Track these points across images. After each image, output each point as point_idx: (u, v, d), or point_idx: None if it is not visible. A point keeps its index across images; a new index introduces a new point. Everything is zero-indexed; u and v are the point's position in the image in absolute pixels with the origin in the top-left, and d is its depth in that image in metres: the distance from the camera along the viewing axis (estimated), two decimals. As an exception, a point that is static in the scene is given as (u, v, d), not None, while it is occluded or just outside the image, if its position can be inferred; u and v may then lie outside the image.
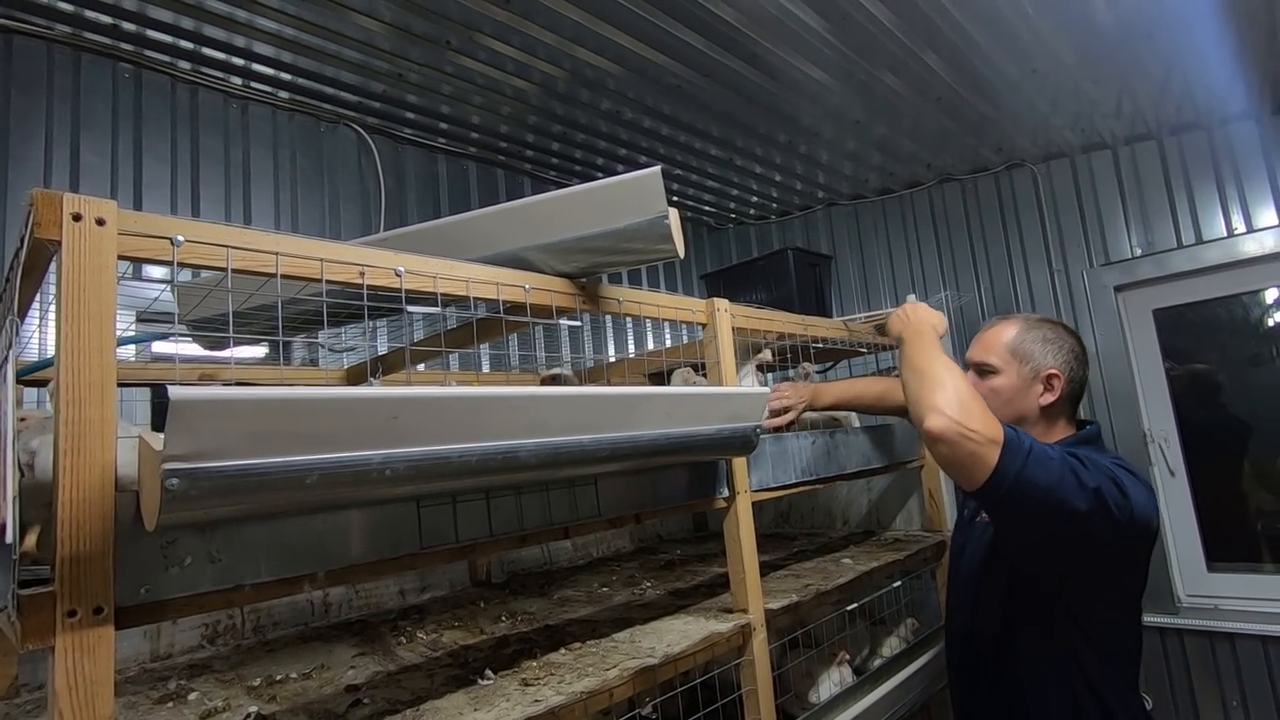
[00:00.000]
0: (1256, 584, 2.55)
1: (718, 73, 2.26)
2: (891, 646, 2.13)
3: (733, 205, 3.62)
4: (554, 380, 1.61)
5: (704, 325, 1.56)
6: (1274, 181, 2.49)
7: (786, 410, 1.88)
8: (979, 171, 3.15)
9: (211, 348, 1.59)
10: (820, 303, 2.59)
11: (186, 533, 0.80)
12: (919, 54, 2.14)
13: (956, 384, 1.21)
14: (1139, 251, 2.76)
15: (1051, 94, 2.42)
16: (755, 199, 3.53)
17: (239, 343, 1.40)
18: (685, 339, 3.02)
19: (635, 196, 1.16)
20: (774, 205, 3.64)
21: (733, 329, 1.59)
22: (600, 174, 3.11)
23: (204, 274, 1.34)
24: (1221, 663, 2.50)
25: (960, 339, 3.04)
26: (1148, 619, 2.64)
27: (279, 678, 1.34)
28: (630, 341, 3.38)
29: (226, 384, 1.46)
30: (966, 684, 1.54)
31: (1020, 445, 1.15)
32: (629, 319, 2.65)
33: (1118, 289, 2.81)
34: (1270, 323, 2.65)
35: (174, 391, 0.64)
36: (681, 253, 1.22)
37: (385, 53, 2.10)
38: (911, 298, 1.77)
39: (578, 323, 2.95)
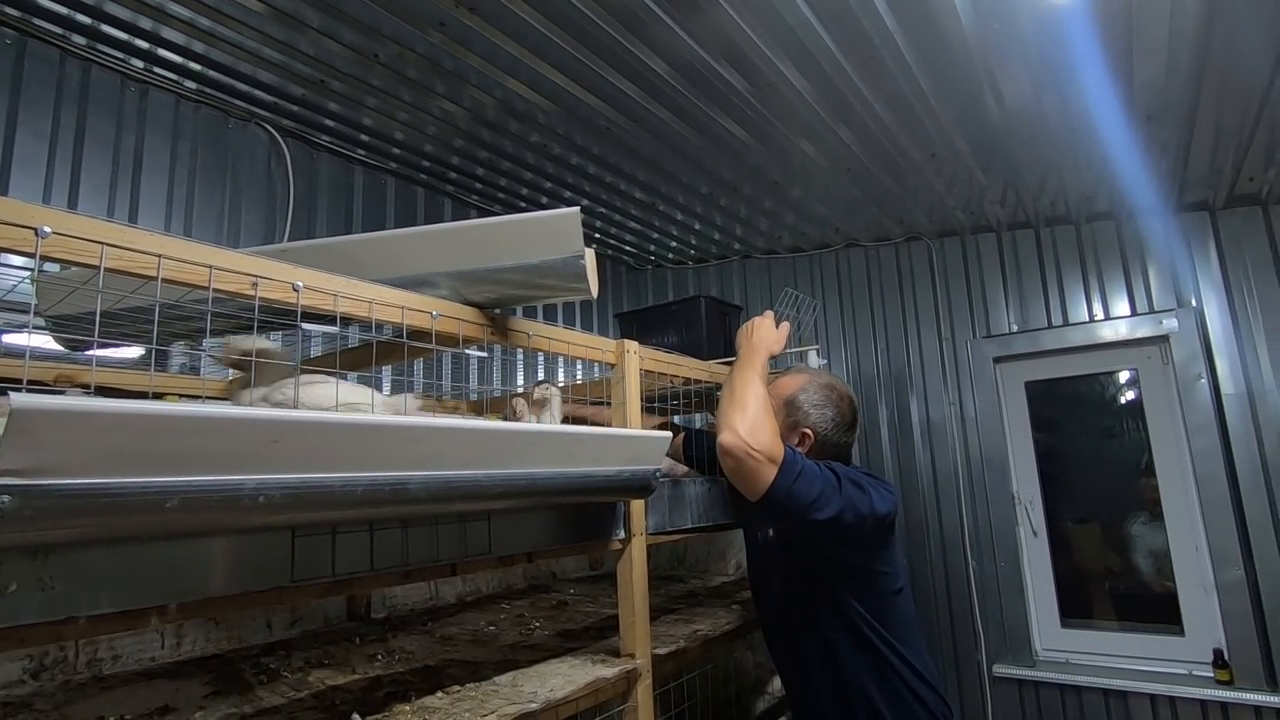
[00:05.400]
0: (1102, 640, 2.78)
1: (646, 120, 2.32)
2: (776, 686, 2.16)
3: (652, 248, 3.70)
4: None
5: (613, 365, 1.57)
6: (1128, 276, 2.80)
7: None
8: (881, 240, 3.36)
9: (74, 347, 1.44)
10: (729, 351, 2.67)
11: (13, 555, 0.71)
12: (833, 127, 2.29)
13: (757, 409, 1.40)
14: (1015, 328, 3.02)
15: (947, 178, 2.64)
16: (674, 244, 3.62)
17: (107, 346, 1.28)
18: (596, 374, 3.02)
19: (553, 234, 1.17)
20: (692, 252, 3.75)
21: (641, 371, 1.61)
22: (524, 204, 3.11)
23: (74, 267, 1.23)
24: (1069, 715, 2.69)
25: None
26: (1008, 670, 2.81)
27: (112, 720, 1.21)
28: (540, 374, 3.35)
29: (86, 389, 1.33)
30: (791, 680, 1.68)
31: (794, 466, 1.36)
32: (539, 353, 2.63)
33: (996, 360, 3.05)
34: (1122, 400, 2.95)
35: (16, 399, 0.57)
36: (595, 293, 1.23)
37: (309, 57, 2.03)
38: (812, 355, 1.86)
39: (484, 353, 2.90)
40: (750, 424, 1.36)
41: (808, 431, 1.60)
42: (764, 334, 1.67)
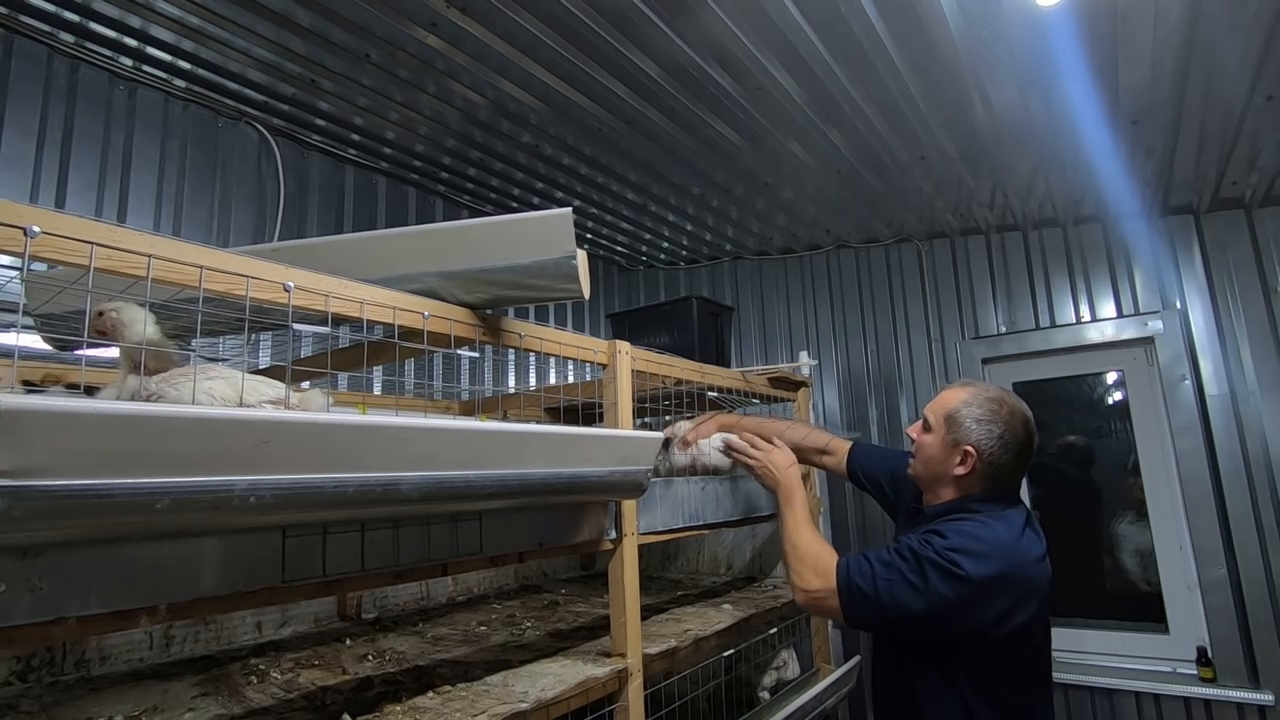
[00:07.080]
0: (1088, 638, 2.80)
1: (638, 122, 2.33)
2: (765, 686, 2.18)
3: (644, 249, 3.70)
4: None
5: (605, 366, 1.58)
6: (1114, 279, 2.83)
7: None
8: (871, 242, 3.39)
9: (63, 347, 1.43)
10: (720, 352, 2.68)
11: (2, 556, 0.71)
12: (823, 129, 2.30)
13: (808, 548, 1.46)
14: (1003, 329, 3.04)
15: (936, 180, 2.66)
16: (666, 245, 3.63)
17: (96, 345, 1.27)
18: (588, 375, 3.03)
19: (545, 235, 1.17)
20: (683, 253, 3.76)
21: (632, 371, 1.61)
22: (515, 204, 3.11)
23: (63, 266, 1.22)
24: (1056, 713, 2.71)
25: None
26: (995, 669, 2.83)
27: (99, 722, 1.20)
28: (531, 374, 3.35)
29: (72, 388, 1.32)
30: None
31: (852, 588, 1.34)
32: (530, 353, 2.64)
33: (984, 361, 3.07)
34: (1109, 401, 2.98)
35: (5, 399, 0.57)
36: (587, 294, 1.24)
37: (299, 56, 2.03)
38: (803, 355, 1.87)
39: (475, 354, 2.89)
40: (799, 571, 1.43)
41: (969, 449, 1.41)
42: (786, 465, 1.70)
